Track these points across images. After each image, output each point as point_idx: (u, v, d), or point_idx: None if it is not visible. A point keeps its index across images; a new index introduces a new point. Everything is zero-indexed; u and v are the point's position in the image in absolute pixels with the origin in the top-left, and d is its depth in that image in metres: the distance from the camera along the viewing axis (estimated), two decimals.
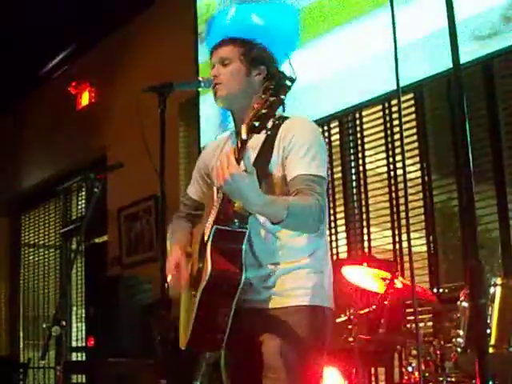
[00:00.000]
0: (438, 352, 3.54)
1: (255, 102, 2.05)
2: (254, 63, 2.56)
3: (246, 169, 2.10)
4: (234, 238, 2.34)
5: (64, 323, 3.15)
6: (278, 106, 2.00)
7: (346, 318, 3.75)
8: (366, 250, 4.97)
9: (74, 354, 7.82)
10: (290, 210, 2.17)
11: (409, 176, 3.92)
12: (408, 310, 4.10)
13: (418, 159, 4.70)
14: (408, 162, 4.37)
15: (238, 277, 2.31)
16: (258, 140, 2.50)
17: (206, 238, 2.39)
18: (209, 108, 5.60)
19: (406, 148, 4.33)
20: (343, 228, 5.15)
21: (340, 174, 5.21)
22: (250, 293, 2.42)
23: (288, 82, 2.01)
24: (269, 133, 2.06)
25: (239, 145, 2.13)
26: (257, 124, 2.02)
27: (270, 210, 2.18)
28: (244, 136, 2.07)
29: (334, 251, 5.16)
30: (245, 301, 2.40)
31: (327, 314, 2.49)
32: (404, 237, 4.66)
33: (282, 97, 1.99)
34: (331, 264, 2.60)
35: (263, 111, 2.01)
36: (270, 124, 2.02)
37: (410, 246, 3.27)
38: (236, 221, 2.31)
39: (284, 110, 2.02)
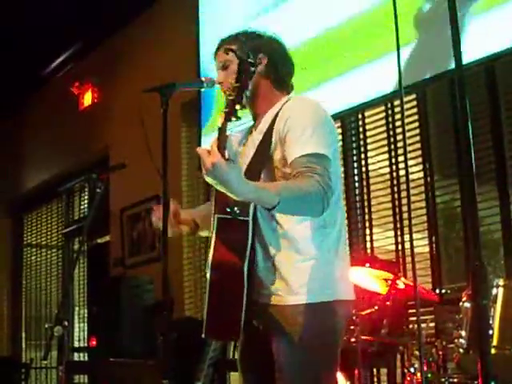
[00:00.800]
0: (441, 353, 3.54)
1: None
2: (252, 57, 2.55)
3: (228, 157, 2.04)
4: (236, 227, 2.32)
5: (66, 323, 3.15)
6: (241, 91, 2.08)
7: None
8: (369, 251, 4.97)
9: (76, 354, 7.82)
10: (283, 195, 2.10)
11: (411, 177, 3.90)
12: (410, 311, 4.10)
13: (420, 160, 4.69)
14: (410, 162, 4.37)
15: (239, 267, 2.29)
16: (265, 123, 2.50)
17: (211, 229, 2.39)
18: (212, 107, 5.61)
19: (409, 149, 4.33)
20: (346, 228, 5.13)
21: (342, 175, 5.19)
22: (260, 286, 2.40)
23: (251, 68, 2.10)
24: (238, 119, 2.11)
25: (218, 134, 2.11)
26: (226, 110, 2.08)
27: (257, 197, 2.11)
28: (219, 124, 2.08)
29: None
30: (259, 294, 2.39)
31: (339, 308, 2.42)
32: (406, 237, 4.66)
33: (244, 83, 2.08)
34: (346, 254, 2.56)
35: (230, 97, 2.08)
36: (238, 109, 2.08)
37: (412, 247, 3.25)
38: (236, 209, 2.28)
39: (246, 97, 2.13)
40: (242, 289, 2.31)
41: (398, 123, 4.85)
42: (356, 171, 5.19)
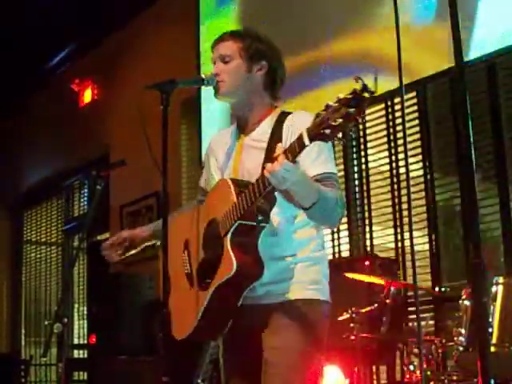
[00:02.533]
0: (440, 350, 3.54)
1: (325, 109, 1.97)
2: (254, 59, 2.54)
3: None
4: (253, 232, 2.34)
5: (66, 320, 3.15)
6: (356, 118, 1.91)
7: (347, 316, 3.75)
8: (368, 249, 4.97)
9: (75, 352, 7.83)
10: (320, 195, 2.19)
11: (411, 174, 3.91)
12: (410, 309, 4.11)
13: (420, 157, 4.70)
14: (410, 160, 4.36)
15: (259, 271, 2.32)
16: (262, 133, 2.50)
17: (222, 232, 2.37)
18: (211, 105, 5.61)
19: (409, 146, 4.32)
20: (345, 226, 5.14)
21: (342, 172, 5.20)
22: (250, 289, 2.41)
23: (366, 95, 1.90)
24: (341, 142, 2.02)
25: (297, 148, 2.06)
26: (327, 132, 1.95)
27: (305, 190, 2.19)
28: (307, 142, 2.02)
29: (337, 250, 5.16)
30: (244, 297, 2.39)
31: (325, 308, 2.48)
32: (406, 235, 4.66)
33: (362, 110, 1.90)
34: (327, 257, 2.60)
35: (339, 121, 1.92)
36: (340, 135, 1.97)
37: (412, 245, 3.26)
38: (260, 216, 2.30)
39: (359, 123, 1.95)
40: (242, 291, 2.33)
41: (399, 121, 4.85)
42: (356, 169, 5.19)
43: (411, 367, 3.59)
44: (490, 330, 2.90)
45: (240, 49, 2.54)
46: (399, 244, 4.73)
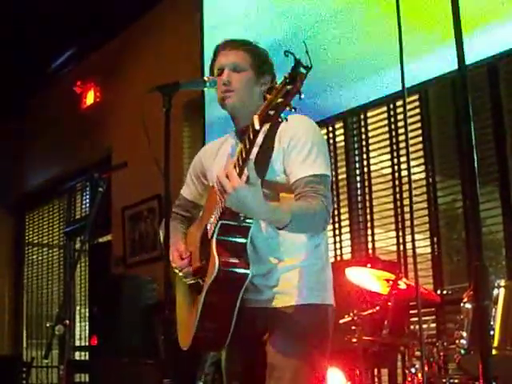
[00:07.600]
0: (442, 353, 3.54)
1: (270, 94, 1.99)
2: (261, 72, 2.55)
3: (248, 179, 2.08)
4: (238, 232, 2.35)
5: (67, 322, 3.15)
6: (294, 94, 1.94)
7: (349, 318, 3.75)
8: (370, 251, 4.97)
9: (77, 353, 7.83)
10: (294, 215, 2.17)
11: (413, 177, 3.91)
12: (411, 312, 4.10)
13: (422, 161, 4.69)
14: (412, 163, 4.37)
15: (245, 270, 2.32)
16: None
17: (209, 235, 2.39)
18: (214, 108, 5.60)
19: (411, 149, 4.33)
20: (347, 229, 5.14)
21: (344, 175, 5.21)
22: (252, 292, 2.42)
23: (303, 70, 1.93)
24: (285, 121, 2.01)
25: (251, 136, 2.08)
26: (271, 113, 1.98)
27: (273, 217, 2.18)
28: (257, 126, 2.02)
29: (338, 252, 5.16)
30: (247, 300, 2.40)
31: (330, 312, 2.49)
32: (408, 238, 4.65)
33: (298, 85, 1.92)
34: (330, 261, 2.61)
35: (279, 100, 1.95)
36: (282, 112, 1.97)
37: (414, 248, 3.26)
38: (241, 215, 2.30)
39: (300, 98, 1.94)
40: (238, 294, 2.33)
41: (401, 124, 4.85)
42: (358, 171, 5.19)
43: (413, 370, 3.58)
44: (492, 332, 2.90)
45: (251, 61, 2.54)
46: (401, 247, 4.73)
